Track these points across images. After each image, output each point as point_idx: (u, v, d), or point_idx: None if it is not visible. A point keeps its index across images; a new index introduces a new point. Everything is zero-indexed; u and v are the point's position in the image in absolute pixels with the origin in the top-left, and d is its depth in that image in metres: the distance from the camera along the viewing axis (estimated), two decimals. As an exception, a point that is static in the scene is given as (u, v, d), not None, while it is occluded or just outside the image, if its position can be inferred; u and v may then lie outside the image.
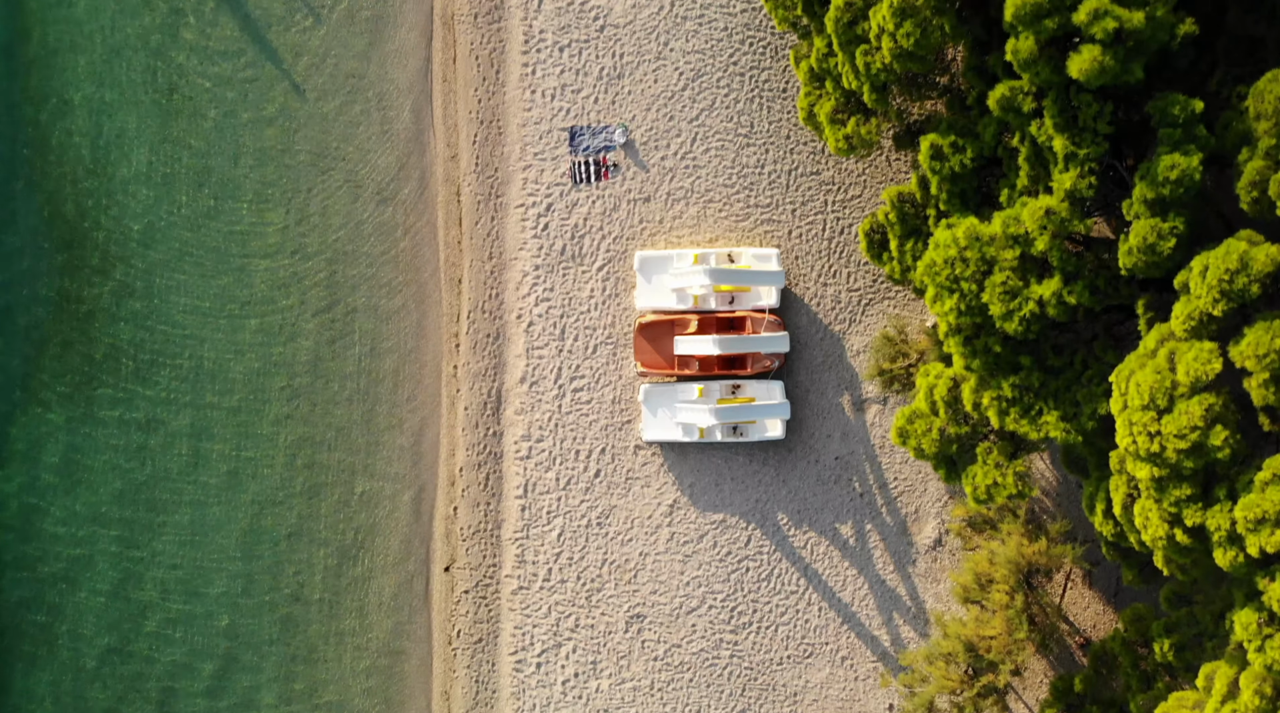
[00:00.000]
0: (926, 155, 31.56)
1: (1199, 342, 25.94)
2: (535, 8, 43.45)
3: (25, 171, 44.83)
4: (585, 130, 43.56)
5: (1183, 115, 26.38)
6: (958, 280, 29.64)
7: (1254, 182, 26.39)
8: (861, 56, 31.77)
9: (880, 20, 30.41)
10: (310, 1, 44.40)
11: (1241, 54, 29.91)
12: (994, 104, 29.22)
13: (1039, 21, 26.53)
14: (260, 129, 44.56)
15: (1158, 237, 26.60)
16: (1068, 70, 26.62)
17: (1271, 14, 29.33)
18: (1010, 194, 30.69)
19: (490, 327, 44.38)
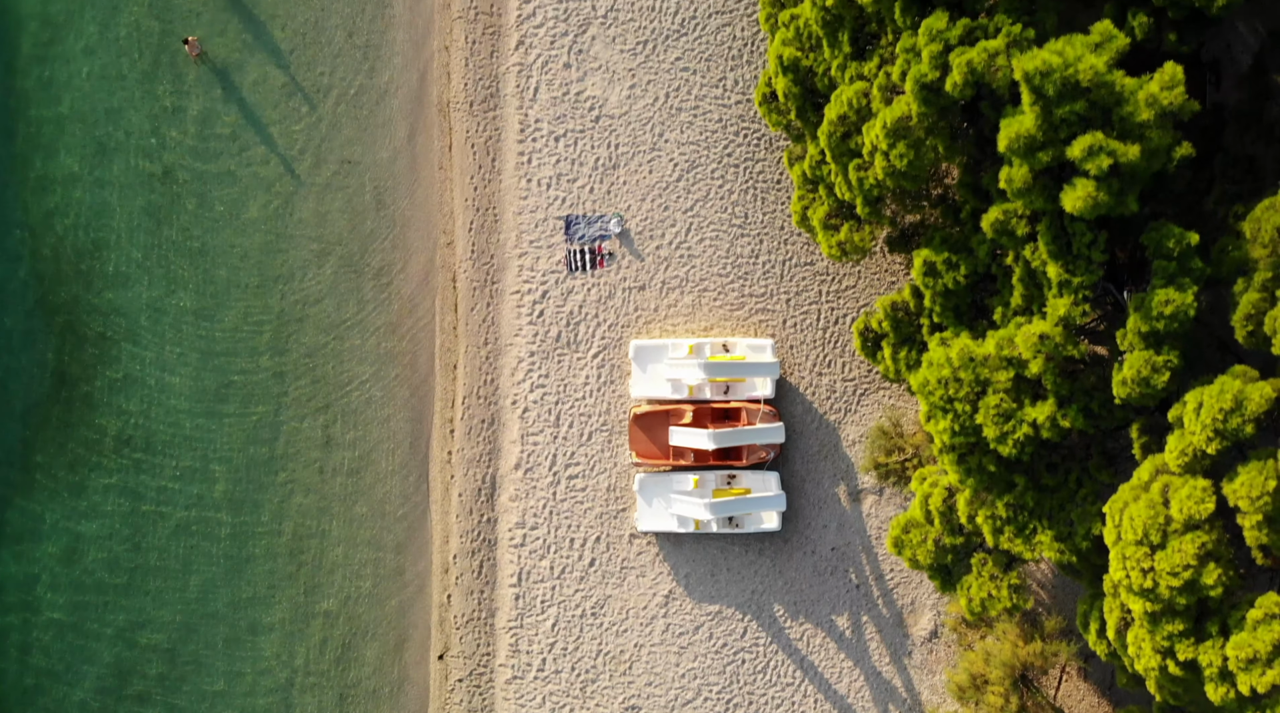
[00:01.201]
0: (920, 271, 31.64)
1: (1193, 478, 25.95)
2: (531, 97, 43.62)
3: (19, 253, 44.87)
4: (581, 219, 43.67)
5: (1177, 248, 26.47)
6: (951, 400, 29.66)
7: (1249, 315, 26.47)
8: (855, 171, 31.90)
9: (873, 138, 30.53)
10: (306, 88, 44.56)
11: (1239, 172, 30.06)
12: (987, 227, 29.33)
13: (1033, 154, 26.65)
14: (255, 215, 44.62)
15: (1152, 370, 26.65)
16: (1061, 202, 26.73)
17: (1269, 133, 29.47)
18: (1004, 312, 30.75)
19: (485, 412, 44.34)
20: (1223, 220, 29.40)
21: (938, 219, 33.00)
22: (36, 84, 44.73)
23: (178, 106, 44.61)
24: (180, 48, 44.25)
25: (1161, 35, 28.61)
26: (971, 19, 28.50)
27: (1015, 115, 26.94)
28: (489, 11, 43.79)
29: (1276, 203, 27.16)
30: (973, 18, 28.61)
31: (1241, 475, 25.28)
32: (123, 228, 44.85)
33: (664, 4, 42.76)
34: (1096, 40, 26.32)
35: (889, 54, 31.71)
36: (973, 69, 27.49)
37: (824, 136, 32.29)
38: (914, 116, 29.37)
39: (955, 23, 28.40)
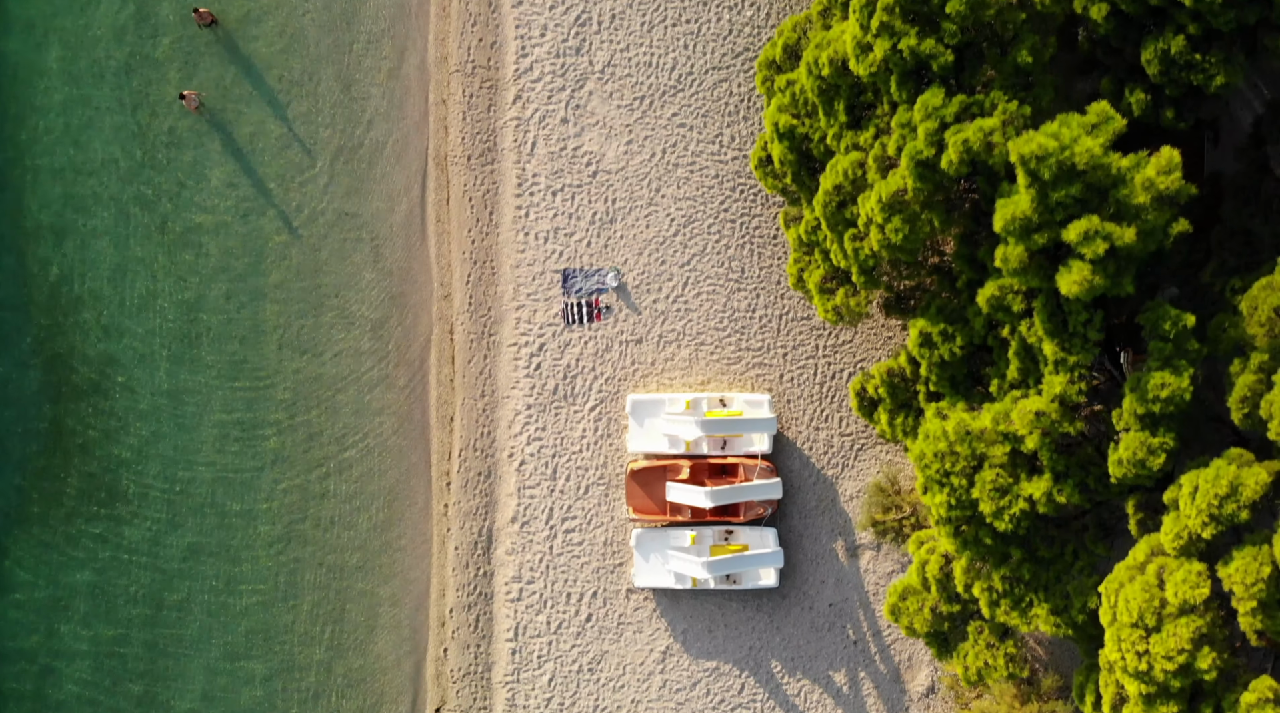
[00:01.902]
0: (916, 342, 31.68)
1: (1188, 561, 25.96)
2: (528, 152, 43.72)
3: (14, 303, 44.90)
4: (578, 273, 43.72)
5: (1173, 331, 26.51)
6: (948, 474, 29.68)
7: (1245, 397, 26.52)
8: (850, 241, 31.96)
9: (869, 210, 30.60)
10: (303, 140, 44.65)
11: (1237, 246, 30.12)
12: (983, 302, 29.38)
13: (1028, 235, 26.72)
14: (251, 265, 44.66)
15: (1148, 452, 26.68)
16: (1057, 284, 26.78)
17: (1266, 208, 29.55)
18: (1000, 384, 30.79)
19: (482, 465, 44.32)
20: (1219, 293, 29.46)
21: (934, 286, 33.06)
22: (31, 134, 44.79)
23: (173, 158, 44.66)
24: (174, 101, 44.32)
25: (1159, 111, 28.70)
26: (967, 95, 28.60)
27: (1011, 196, 27.02)
28: (486, 66, 43.92)
29: (1274, 282, 27.23)
30: (969, 94, 28.71)
31: (1236, 561, 25.29)
32: (118, 279, 44.87)
33: (661, 60, 42.90)
34: (1093, 121, 26.42)
35: (885, 124, 31.80)
36: (969, 148, 27.58)
37: (819, 206, 32.36)
38: (909, 191, 29.44)
39: (951, 99, 28.50)
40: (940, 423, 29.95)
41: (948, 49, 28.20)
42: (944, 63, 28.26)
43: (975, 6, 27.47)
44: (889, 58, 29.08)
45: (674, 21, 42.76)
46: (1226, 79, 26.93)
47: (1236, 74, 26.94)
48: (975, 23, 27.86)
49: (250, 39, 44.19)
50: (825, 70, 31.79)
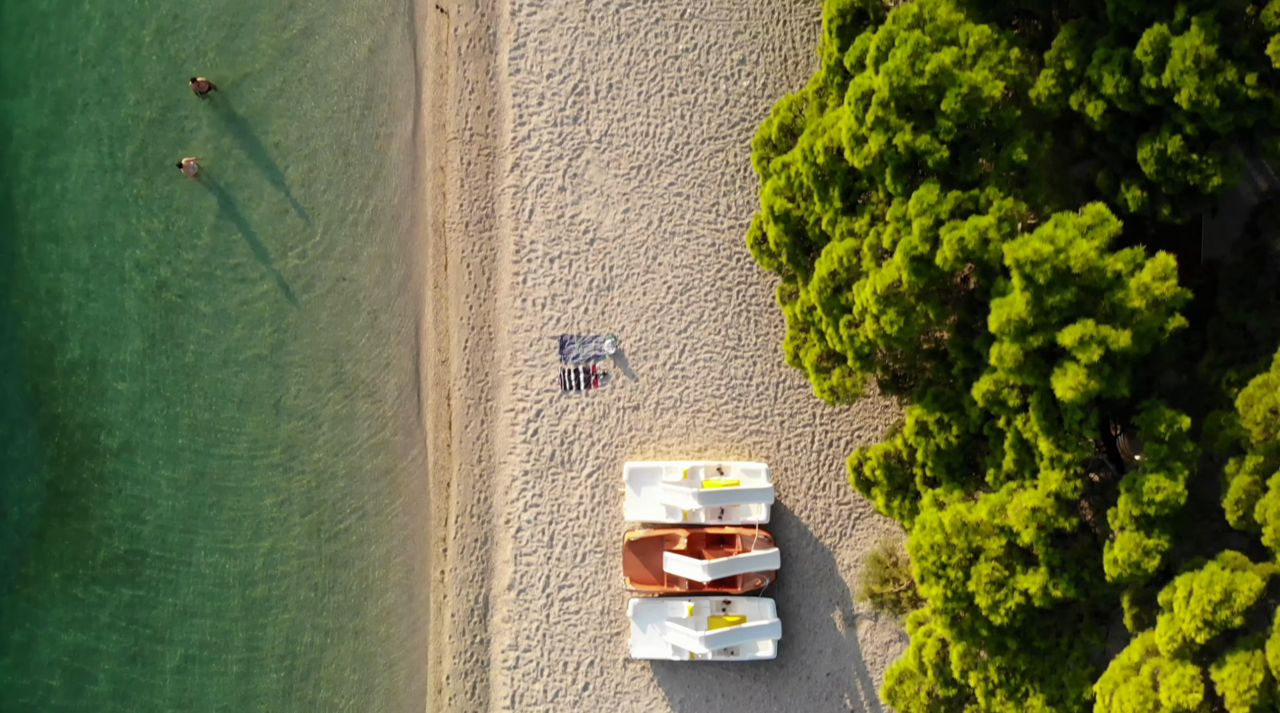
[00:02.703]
0: (912, 430, 31.73)
1: (1182, 664, 25.94)
2: (526, 219, 43.84)
3: (13, 366, 44.95)
4: (575, 339, 43.80)
5: (1169, 433, 26.54)
6: (944, 566, 29.68)
7: (1239, 499, 26.54)
8: (845, 327, 32.03)
9: (864, 300, 30.67)
10: (300, 206, 44.77)
11: (1233, 339, 30.17)
12: (979, 396, 29.43)
13: (1023, 337, 26.78)
14: (249, 329, 44.74)
15: (1143, 553, 26.69)
16: (1052, 385, 26.84)
17: (1262, 303, 29.61)
18: (996, 473, 30.81)
19: (478, 531, 44.30)
20: (1215, 386, 29.52)
21: (930, 370, 33.13)
22: (28, 197, 44.90)
23: (171, 223, 44.74)
24: (172, 166, 44.45)
25: (1156, 207, 28.79)
26: (962, 191, 28.70)
27: (1006, 295, 27.10)
28: (484, 134, 44.09)
29: (1270, 380, 27.28)
30: (964, 188, 28.81)
31: (1230, 666, 25.29)
32: (114, 342, 44.91)
33: (658, 130, 43.07)
34: (1089, 222, 26.52)
35: (880, 212, 31.92)
36: (964, 246, 27.66)
37: (814, 292, 32.45)
38: (904, 283, 29.54)
39: (946, 194, 28.60)
40: (937, 514, 29.96)
41: (943, 145, 28.32)
42: (939, 158, 28.37)
43: (970, 105, 27.60)
44: (884, 151, 29.20)
45: (670, 92, 42.95)
46: (1224, 180, 27.03)
47: (1234, 175, 27.04)
48: (971, 119, 27.98)
49: (248, 105, 44.34)
50: (820, 158, 31.92)
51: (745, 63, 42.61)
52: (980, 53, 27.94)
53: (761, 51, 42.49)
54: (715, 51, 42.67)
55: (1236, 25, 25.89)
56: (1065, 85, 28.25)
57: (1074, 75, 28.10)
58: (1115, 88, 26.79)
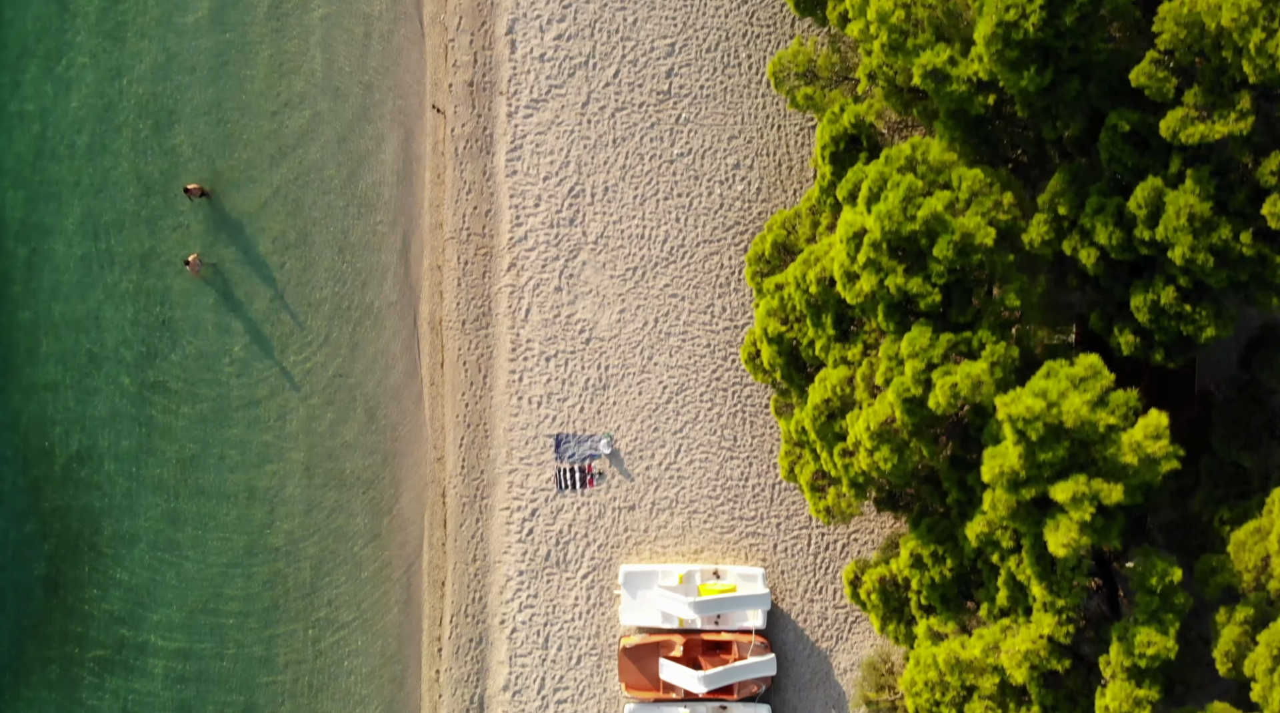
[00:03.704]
0: (906, 562, 31.73)
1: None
2: (522, 318, 43.96)
3: (10, 457, 44.98)
4: (571, 438, 43.83)
5: (1160, 585, 26.54)
6: (938, 704, 29.63)
7: (1229, 651, 26.51)
8: (839, 457, 32.08)
9: (858, 433, 30.73)
10: (297, 303, 44.87)
11: (1226, 477, 30.19)
12: (972, 537, 29.45)
13: (1016, 489, 26.83)
14: (246, 425, 44.77)
15: (1134, 703, 26.64)
16: (1045, 537, 26.85)
17: (1255, 442, 29.66)
18: (990, 607, 30.78)
19: (473, 631, 44.19)
20: (1208, 524, 29.53)
21: (925, 494, 33.14)
22: (25, 290, 45.04)
23: (168, 317, 44.84)
24: (172, 260, 44.59)
25: (1149, 352, 28.85)
26: (954, 333, 28.80)
27: (999, 446, 27.16)
28: (481, 234, 44.27)
29: (1262, 526, 27.31)
30: (956, 331, 28.91)
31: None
32: (113, 437, 44.94)
33: (653, 233, 43.25)
34: (1081, 375, 26.59)
35: (873, 340, 32.03)
36: (956, 392, 27.74)
37: (808, 419, 32.52)
38: (898, 420, 29.60)
39: (939, 337, 28.69)
40: (931, 650, 29.93)
41: (935, 288, 28.45)
42: (931, 302, 28.50)
43: (963, 251, 27.75)
44: (876, 291, 29.33)
45: (666, 195, 43.16)
46: (1217, 332, 27.15)
47: (1227, 327, 27.14)
48: (963, 264, 28.11)
49: (245, 202, 44.49)
50: (813, 288, 32.05)
51: (740, 167, 42.85)
52: (973, 198, 28.11)
53: (756, 156, 42.73)
54: (710, 156, 42.91)
55: (1232, 178, 26.04)
56: (1058, 230, 28.40)
57: (1067, 220, 28.25)
58: (1109, 238, 26.95)
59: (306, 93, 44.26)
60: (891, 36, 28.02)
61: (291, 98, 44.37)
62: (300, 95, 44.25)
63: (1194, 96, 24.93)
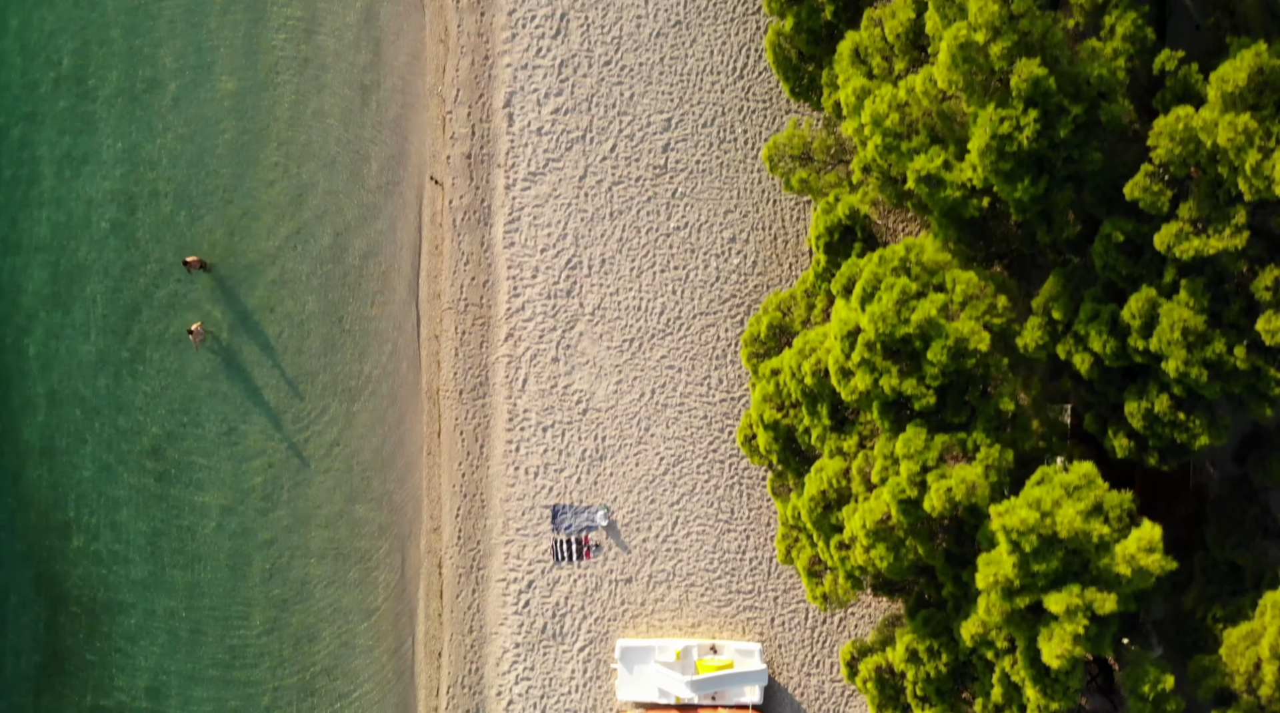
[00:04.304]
0: (902, 657, 31.60)
1: None
2: (519, 388, 43.96)
3: (10, 526, 44.98)
4: (568, 509, 43.77)
5: (1153, 693, 26.46)
6: (934, 801, 29.48)
7: (1226, 762, 26.40)
8: (836, 549, 32.01)
9: (854, 528, 30.66)
10: (295, 373, 44.86)
11: (1220, 575, 30.09)
12: (966, 637, 29.34)
13: (1010, 597, 26.75)
14: (242, 495, 44.73)
15: (1131, 812, 26.51)
16: (1039, 645, 26.76)
17: (1249, 540, 29.58)
18: (985, 703, 30.64)
19: (469, 702, 44.02)
20: (1201, 621, 29.41)
21: (922, 585, 33.04)
22: (22, 358, 45.07)
23: (165, 386, 44.84)
24: (171, 331, 44.64)
25: (1143, 455, 28.81)
26: (949, 434, 28.76)
27: (993, 553, 27.10)
28: (479, 304, 44.30)
29: (1254, 630, 27.20)
30: (950, 432, 28.87)
31: None
32: (111, 506, 44.93)
33: (649, 305, 43.27)
34: (1075, 483, 26.54)
35: (868, 431, 31.99)
36: (951, 497, 27.70)
37: (804, 510, 32.46)
38: (893, 519, 29.54)
39: (933, 439, 28.64)
40: (926, 748, 29.78)
41: (929, 390, 28.43)
42: (925, 404, 28.47)
43: (957, 355, 27.74)
44: (870, 390, 29.31)
45: (662, 267, 43.20)
46: (1210, 441, 27.11)
47: (1220, 436, 27.12)
48: (957, 368, 28.09)
49: (244, 272, 44.54)
50: (808, 380, 32.03)
51: (735, 241, 42.90)
52: (967, 301, 28.12)
53: (751, 230, 42.78)
54: (706, 230, 42.96)
55: (1227, 288, 26.04)
56: (1052, 334, 28.40)
57: (1062, 324, 28.24)
58: (1103, 346, 26.94)
59: (304, 164, 44.34)
60: (886, 140, 28.08)
61: (289, 169, 44.45)
62: (298, 166, 44.34)
63: (1189, 210, 24.95)
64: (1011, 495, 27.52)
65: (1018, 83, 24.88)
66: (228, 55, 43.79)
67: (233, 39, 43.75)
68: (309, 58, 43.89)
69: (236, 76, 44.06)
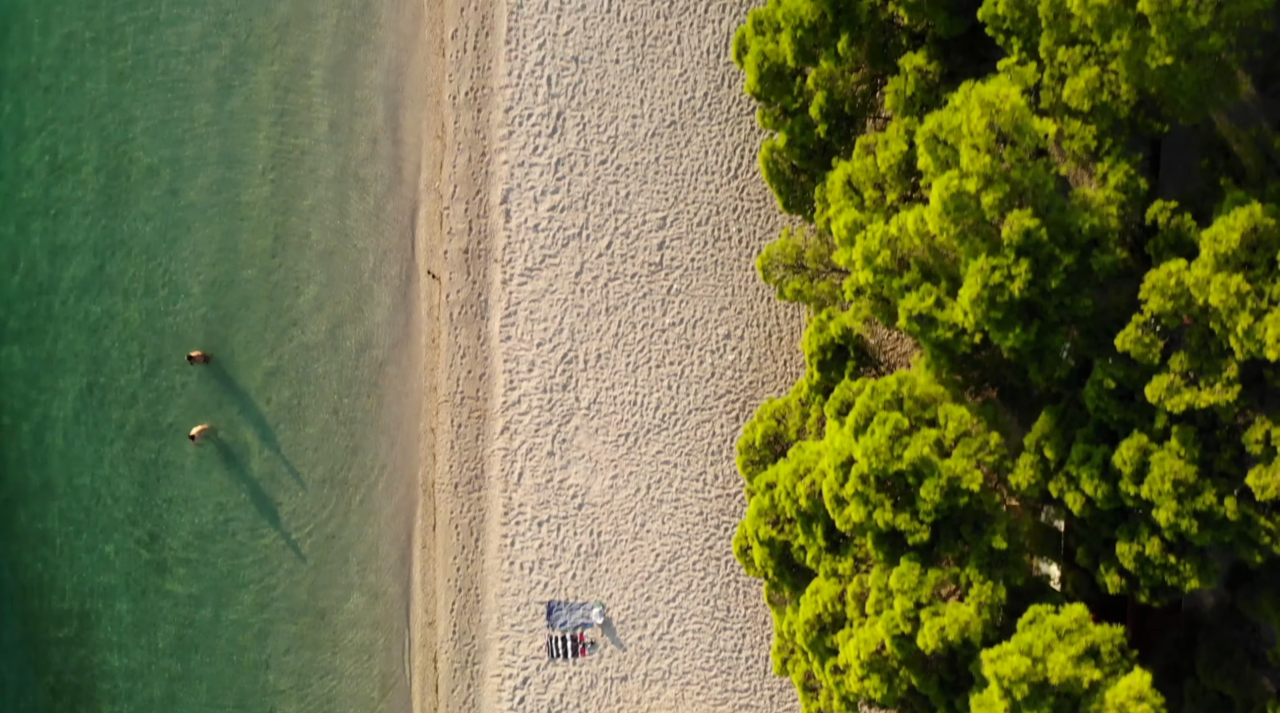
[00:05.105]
0: (898, 781, 31.41)
1: None
2: (515, 481, 43.90)
3: (8, 611, 44.95)
4: (563, 606, 43.61)
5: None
6: None
7: None
8: (830, 674, 31.85)
9: (849, 655, 30.52)
10: (293, 465, 44.83)
11: (1209, 704, 29.94)
12: (962, 774, 29.19)
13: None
14: (239, 586, 44.67)
15: None
16: (1033, 789, 26.59)
17: (1238, 671, 29.43)
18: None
19: (465, 799, 43.83)
20: (1197, 753, 29.26)
21: (916, 707, 32.81)
22: (19, 446, 45.06)
23: (161, 477, 44.84)
24: (166, 421, 44.63)
25: (1134, 592, 28.68)
26: (942, 569, 28.67)
27: (985, 696, 26.95)
28: (475, 397, 44.30)
29: (1249, 771, 27.03)
30: (942, 568, 28.79)
31: None
32: (107, 594, 44.89)
33: (645, 400, 43.26)
34: (1067, 626, 26.42)
35: (863, 554, 31.88)
36: (944, 636, 27.58)
37: (800, 632, 32.30)
38: (887, 649, 29.40)
39: (927, 574, 28.55)
40: None
41: (923, 525, 28.35)
42: (919, 540, 28.39)
43: (949, 494, 27.68)
44: (864, 522, 29.23)
45: (658, 363, 43.20)
46: (1201, 584, 27.01)
47: (1210, 580, 27.03)
48: (950, 505, 28.03)
49: (243, 368, 44.58)
50: (803, 502, 31.94)
51: (730, 337, 42.92)
52: (960, 438, 28.08)
53: (746, 327, 42.81)
54: (701, 326, 42.99)
55: (1219, 434, 25.98)
56: (1045, 471, 28.36)
57: (1054, 462, 28.19)
58: (1094, 490, 26.88)
59: (302, 256, 44.42)
60: (877, 276, 28.11)
61: (287, 261, 44.52)
62: (296, 259, 44.40)
63: (1180, 362, 24.93)
64: (1005, 634, 27.41)
65: (1009, 234, 24.92)
66: (225, 146, 43.95)
67: (231, 131, 43.91)
68: (306, 149, 44.06)
69: (234, 168, 44.19)
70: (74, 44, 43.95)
